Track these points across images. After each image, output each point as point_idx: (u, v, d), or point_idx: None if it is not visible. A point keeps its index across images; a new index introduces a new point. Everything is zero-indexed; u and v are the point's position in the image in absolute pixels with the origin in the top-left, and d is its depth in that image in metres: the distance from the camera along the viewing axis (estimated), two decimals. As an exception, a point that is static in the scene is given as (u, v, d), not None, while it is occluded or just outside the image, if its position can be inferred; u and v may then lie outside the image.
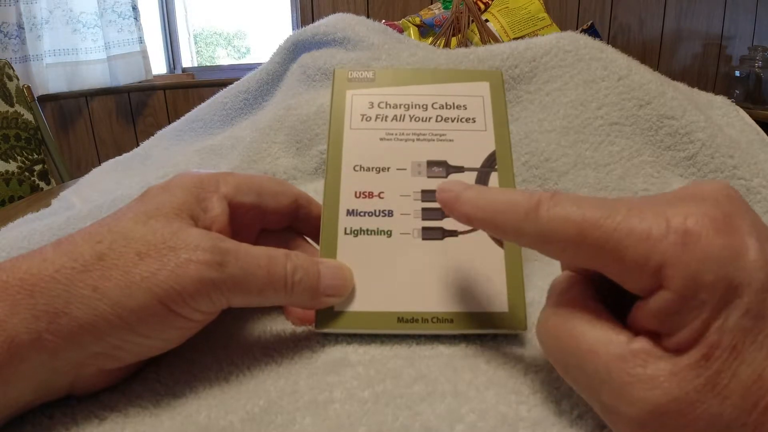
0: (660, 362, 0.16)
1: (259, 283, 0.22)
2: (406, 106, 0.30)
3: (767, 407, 0.15)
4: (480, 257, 0.26)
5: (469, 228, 0.26)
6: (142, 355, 0.22)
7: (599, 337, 0.17)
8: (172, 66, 2.14)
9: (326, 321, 0.25)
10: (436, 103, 0.30)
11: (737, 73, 1.94)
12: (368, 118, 0.29)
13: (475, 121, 0.29)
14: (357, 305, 0.25)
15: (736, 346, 0.15)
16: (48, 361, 0.19)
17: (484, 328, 0.25)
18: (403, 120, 0.29)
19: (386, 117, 0.29)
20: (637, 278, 0.17)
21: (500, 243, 0.26)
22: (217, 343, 0.25)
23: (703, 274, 0.15)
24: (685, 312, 0.16)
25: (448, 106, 0.30)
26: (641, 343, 0.17)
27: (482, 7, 1.03)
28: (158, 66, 2.06)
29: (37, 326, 0.18)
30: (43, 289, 0.19)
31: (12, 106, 1.19)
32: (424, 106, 0.30)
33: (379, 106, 0.30)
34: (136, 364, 0.23)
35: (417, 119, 0.29)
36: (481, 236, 0.26)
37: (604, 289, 0.19)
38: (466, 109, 0.30)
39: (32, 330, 0.18)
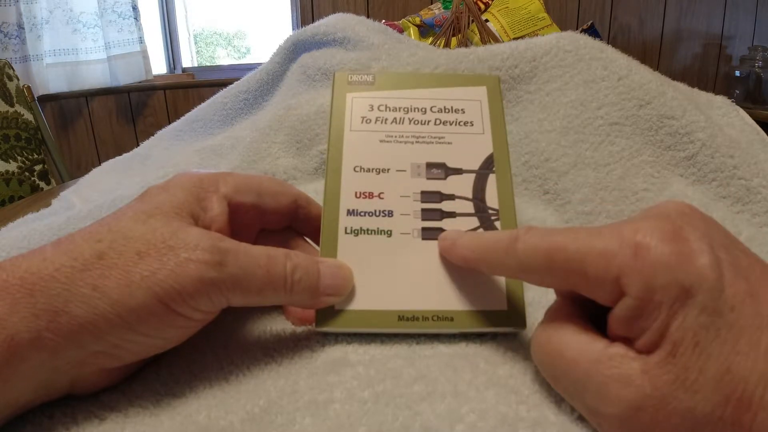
0: (632, 362, 0.17)
1: (259, 282, 0.22)
2: (406, 110, 0.30)
3: (741, 400, 0.16)
4: (480, 257, 0.26)
5: (468, 228, 0.27)
6: (142, 354, 0.22)
7: (580, 347, 0.19)
8: (172, 66, 2.14)
9: (326, 320, 0.25)
10: (434, 106, 0.30)
11: (737, 73, 1.94)
12: (368, 121, 0.30)
13: (472, 125, 0.30)
14: (357, 304, 0.25)
15: (699, 342, 0.16)
16: (48, 360, 0.19)
17: (483, 327, 0.25)
18: (403, 123, 0.30)
19: (386, 119, 0.30)
20: (601, 291, 0.19)
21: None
22: (217, 343, 0.25)
23: (655, 278, 0.17)
24: (646, 314, 0.17)
25: (447, 110, 0.30)
26: (616, 348, 0.18)
27: (482, 7, 1.04)
28: (158, 66, 2.06)
29: (36, 325, 0.18)
30: (43, 288, 0.19)
31: (12, 106, 1.19)
32: (423, 110, 0.30)
33: (378, 108, 0.30)
34: (136, 363, 0.23)
35: (416, 122, 0.30)
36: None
37: (591, 309, 0.21)
38: (464, 113, 0.30)
39: (32, 329, 0.18)
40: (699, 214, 0.19)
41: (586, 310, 0.21)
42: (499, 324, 0.25)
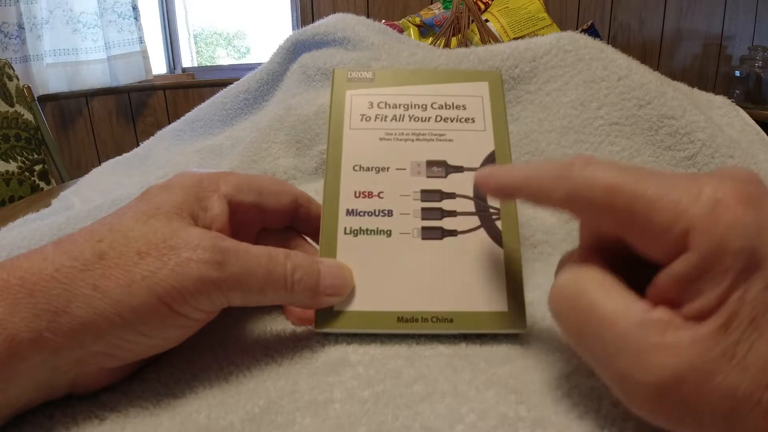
0: (680, 331, 0.16)
1: (259, 282, 0.22)
2: (406, 106, 0.30)
3: None
4: (479, 257, 0.26)
5: (469, 227, 0.27)
6: (143, 354, 0.22)
7: (617, 307, 0.18)
8: (172, 66, 2.14)
9: (326, 321, 0.25)
10: (435, 103, 0.30)
11: (737, 73, 1.94)
12: (368, 118, 0.29)
13: (474, 121, 0.29)
14: (357, 305, 0.25)
15: (755, 319, 0.15)
16: (48, 360, 0.19)
17: (483, 328, 0.25)
18: (403, 120, 0.29)
19: (386, 117, 0.29)
20: (661, 243, 0.17)
21: (499, 243, 0.26)
22: (217, 343, 0.25)
23: (729, 241, 0.16)
24: (708, 277, 0.16)
25: (447, 107, 0.30)
26: (661, 313, 0.17)
27: (482, 7, 1.03)
28: (158, 66, 2.05)
29: (37, 325, 0.18)
30: (44, 288, 0.19)
31: (12, 106, 1.18)
32: (424, 107, 0.30)
33: (378, 106, 0.30)
34: (137, 363, 0.23)
35: (416, 119, 0.29)
36: (481, 236, 0.26)
37: (621, 263, 0.19)
38: (465, 109, 0.30)
39: (33, 329, 0.18)
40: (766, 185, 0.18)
41: (615, 264, 0.19)
42: (500, 325, 0.25)
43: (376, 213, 0.27)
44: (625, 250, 0.19)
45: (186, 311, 0.21)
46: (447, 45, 0.87)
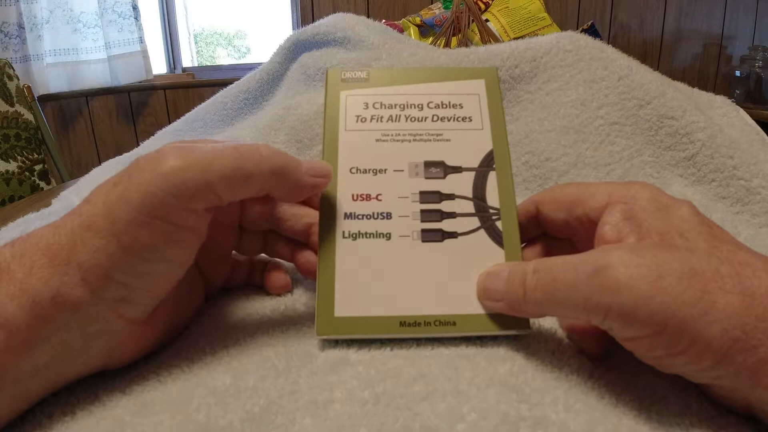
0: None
1: (229, 161, 0.22)
2: (402, 106, 0.29)
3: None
4: (480, 258, 0.26)
5: (469, 229, 0.26)
6: (155, 290, 0.22)
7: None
8: (172, 66, 2.14)
9: (327, 326, 0.24)
10: (431, 102, 0.29)
11: (737, 73, 1.94)
12: (363, 119, 0.29)
13: (471, 120, 0.29)
14: (358, 310, 0.25)
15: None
16: (72, 320, 0.20)
17: (486, 330, 0.24)
18: (399, 120, 0.29)
19: (381, 117, 0.29)
20: (595, 214, 0.24)
21: (500, 243, 0.26)
22: (217, 342, 0.25)
23: (641, 194, 0.24)
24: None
25: (444, 106, 0.29)
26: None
27: (482, 6, 1.03)
28: (158, 66, 2.05)
29: (53, 282, 0.20)
30: (54, 246, 0.20)
31: (12, 105, 1.18)
32: (420, 106, 0.29)
33: (374, 106, 0.29)
34: (160, 323, 0.24)
35: (413, 119, 0.29)
36: (481, 237, 0.26)
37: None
38: (462, 108, 0.29)
39: (51, 286, 0.20)
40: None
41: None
42: (503, 327, 0.24)
43: (375, 216, 0.27)
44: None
45: (171, 216, 0.21)
46: (447, 45, 0.87)
